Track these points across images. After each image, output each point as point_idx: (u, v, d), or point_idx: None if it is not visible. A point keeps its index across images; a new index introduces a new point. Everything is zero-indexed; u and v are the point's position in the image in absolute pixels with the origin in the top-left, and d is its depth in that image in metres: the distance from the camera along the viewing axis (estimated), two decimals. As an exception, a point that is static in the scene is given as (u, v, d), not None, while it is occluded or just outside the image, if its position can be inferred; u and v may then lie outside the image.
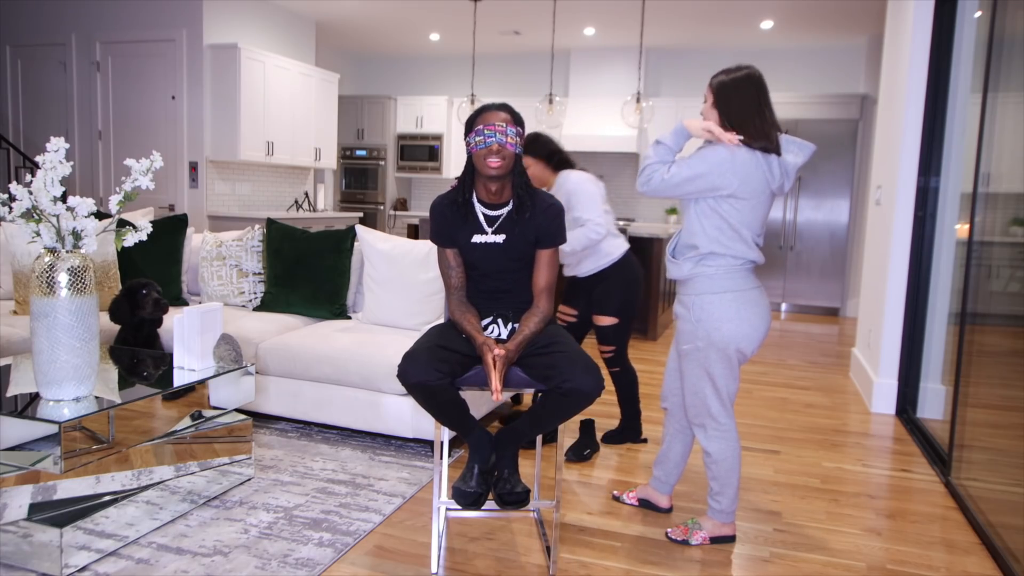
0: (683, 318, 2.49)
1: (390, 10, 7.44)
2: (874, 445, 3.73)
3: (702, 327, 2.42)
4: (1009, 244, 3.09)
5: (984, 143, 3.22)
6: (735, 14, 7.03)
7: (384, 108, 9.53)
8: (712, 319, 2.40)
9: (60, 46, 6.94)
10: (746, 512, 2.84)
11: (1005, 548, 2.49)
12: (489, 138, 2.23)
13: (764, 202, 2.41)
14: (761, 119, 2.39)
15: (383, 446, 3.38)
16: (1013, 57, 3.07)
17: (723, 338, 2.40)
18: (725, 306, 2.39)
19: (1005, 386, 2.90)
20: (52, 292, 2.17)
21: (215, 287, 4.02)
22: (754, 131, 2.38)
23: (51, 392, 2.22)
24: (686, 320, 2.47)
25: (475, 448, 2.33)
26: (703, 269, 2.41)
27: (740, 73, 2.44)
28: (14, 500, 2.27)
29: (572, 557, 2.44)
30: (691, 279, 2.45)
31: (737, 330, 2.39)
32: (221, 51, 6.54)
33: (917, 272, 4.16)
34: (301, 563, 2.31)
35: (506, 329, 2.42)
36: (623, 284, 3.33)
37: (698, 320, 2.43)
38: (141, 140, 6.77)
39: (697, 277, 2.43)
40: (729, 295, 2.40)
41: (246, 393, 2.82)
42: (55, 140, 2.19)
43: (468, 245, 2.38)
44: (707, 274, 2.41)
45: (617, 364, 3.43)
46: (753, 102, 2.40)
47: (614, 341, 3.38)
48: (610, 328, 3.35)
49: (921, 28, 4.05)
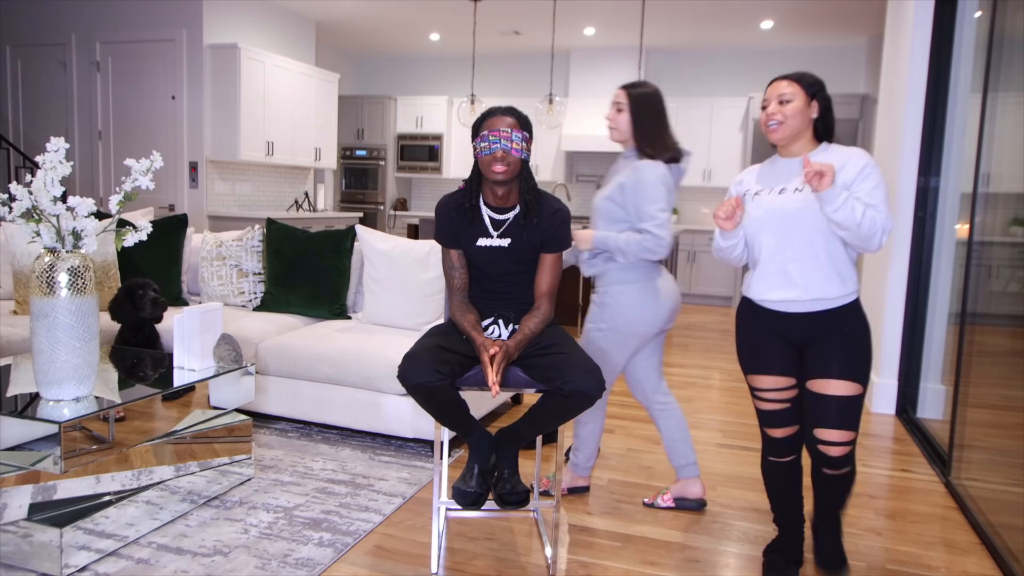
0: (595, 303, 2.76)
1: (390, 10, 7.44)
2: (874, 445, 3.73)
3: (607, 312, 2.69)
4: (1009, 244, 3.09)
5: (984, 143, 3.22)
6: (735, 14, 7.03)
7: (384, 108, 9.53)
8: (618, 306, 2.67)
9: (60, 46, 6.95)
10: (746, 512, 2.84)
11: (1005, 548, 2.49)
12: (494, 144, 2.23)
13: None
14: (668, 131, 2.69)
15: (383, 446, 3.38)
16: (1013, 57, 3.07)
17: (625, 323, 2.67)
18: (631, 295, 2.66)
19: (1005, 386, 2.90)
20: (52, 292, 2.17)
21: (215, 287, 4.02)
22: (666, 143, 2.66)
23: (51, 392, 2.22)
24: (596, 305, 2.75)
25: (475, 448, 2.33)
26: (612, 264, 2.68)
27: (651, 88, 2.71)
28: (14, 500, 2.27)
29: (572, 557, 2.44)
30: (603, 273, 2.72)
31: (638, 316, 2.67)
32: (221, 51, 6.54)
33: (917, 272, 4.16)
34: (301, 563, 2.31)
35: (507, 330, 2.42)
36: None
37: (604, 305, 2.70)
38: (141, 140, 6.78)
39: (609, 271, 2.69)
40: (636, 285, 2.66)
41: (246, 393, 2.82)
42: (55, 140, 2.19)
43: (473, 248, 2.38)
44: (616, 268, 2.67)
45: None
46: (664, 116, 2.69)
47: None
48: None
49: (921, 28, 4.05)
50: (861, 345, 2.12)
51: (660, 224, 2.54)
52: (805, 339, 2.15)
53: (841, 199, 1.98)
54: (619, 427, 3.82)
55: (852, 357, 2.11)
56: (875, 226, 2.00)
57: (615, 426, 3.83)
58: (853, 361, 2.11)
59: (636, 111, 2.65)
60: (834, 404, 2.11)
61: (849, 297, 2.13)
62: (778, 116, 2.11)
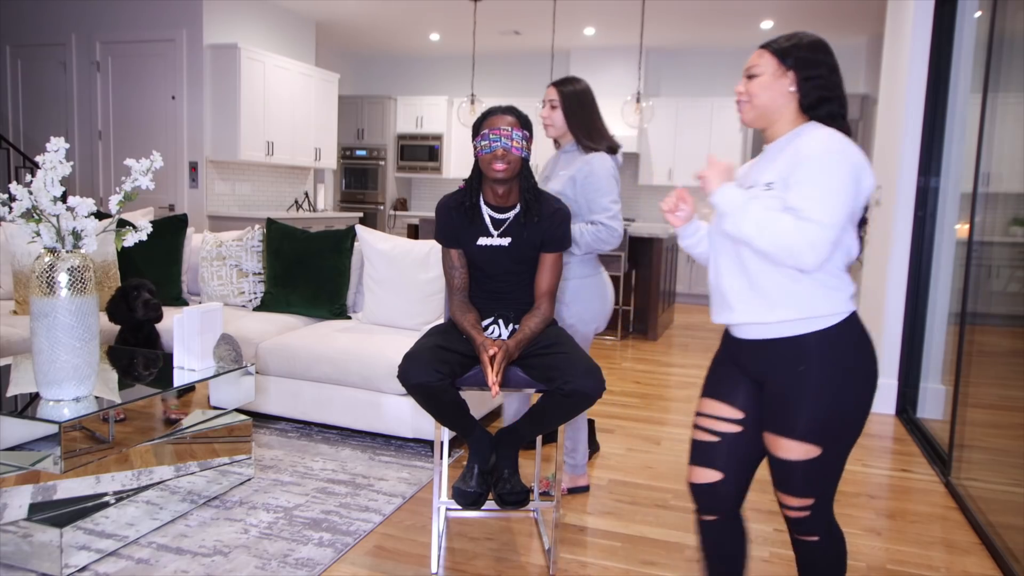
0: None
1: (390, 10, 7.44)
2: (874, 445, 3.73)
3: (575, 308, 2.74)
4: (1009, 244, 3.10)
5: (984, 143, 3.22)
6: (735, 14, 7.03)
7: (384, 108, 9.53)
8: (580, 301, 2.73)
9: (60, 46, 6.94)
10: (746, 512, 2.84)
11: (1005, 548, 2.49)
12: (495, 143, 2.23)
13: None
14: (602, 123, 2.78)
15: (383, 446, 3.38)
16: (1013, 57, 3.07)
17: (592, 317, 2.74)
18: (592, 288, 2.74)
19: (1005, 386, 2.90)
20: (52, 292, 2.17)
21: (215, 287, 4.02)
22: (602, 133, 2.75)
23: (51, 392, 2.22)
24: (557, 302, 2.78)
25: (475, 448, 2.33)
26: (572, 258, 2.73)
27: (582, 84, 2.78)
28: (14, 500, 2.27)
29: (572, 557, 2.44)
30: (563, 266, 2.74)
31: (601, 309, 2.75)
32: (221, 51, 6.54)
33: (917, 272, 4.16)
34: (301, 563, 2.31)
35: (507, 330, 2.42)
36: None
37: (564, 303, 2.75)
38: (141, 140, 6.77)
39: (569, 265, 2.74)
40: (592, 279, 2.75)
41: (246, 393, 2.82)
42: (55, 140, 2.18)
43: (473, 247, 2.38)
44: (576, 262, 2.73)
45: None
46: (596, 109, 2.78)
47: None
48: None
49: (921, 28, 4.04)
50: (822, 395, 1.61)
51: (613, 216, 2.67)
52: (756, 373, 1.72)
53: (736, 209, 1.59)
54: (619, 427, 3.82)
55: (805, 409, 1.62)
56: (782, 241, 1.52)
57: (615, 426, 3.83)
58: (805, 415, 1.62)
59: (568, 106, 2.74)
60: (780, 466, 1.68)
61: (800, 326, 1.62)
62: (743, 95, 1.72)
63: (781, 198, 1.58)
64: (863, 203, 1.64)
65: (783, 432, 1.65)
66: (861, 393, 1.65)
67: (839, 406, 1.62)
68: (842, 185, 1.55)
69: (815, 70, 1.65)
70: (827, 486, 1.70)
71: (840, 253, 1.63)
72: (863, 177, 1.60)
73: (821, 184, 1.54)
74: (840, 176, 1.55)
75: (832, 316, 1.62)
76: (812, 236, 1.51)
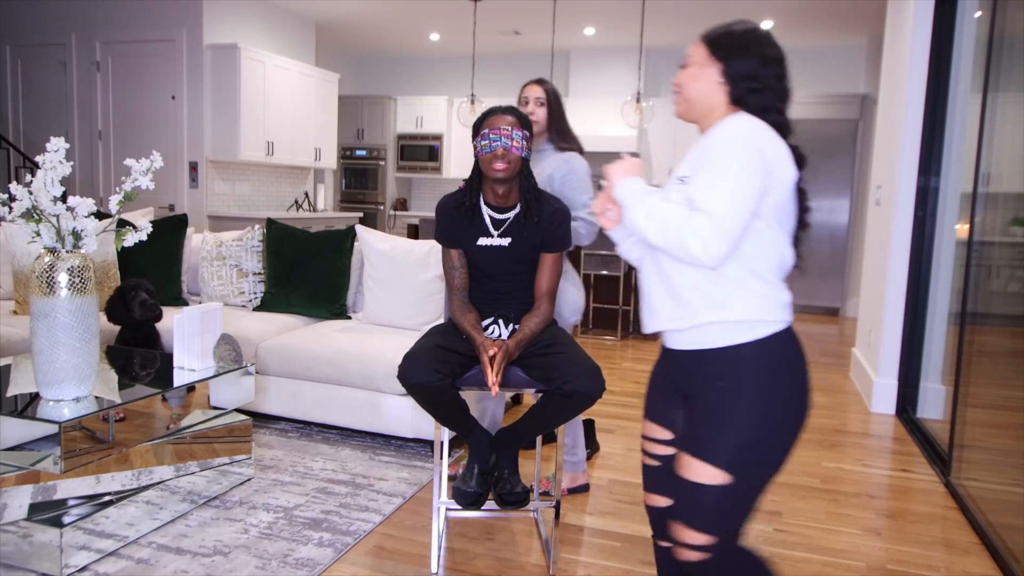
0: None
1: (390, 10, 7.44)
2: (874, 445, 3.73)
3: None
4: (1009, 244, 3.09)
5: (984, 143, 3.22)
6: (735, 14, 7.00)
7: (384, 108, 9.53)
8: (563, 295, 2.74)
9: (60, 46, 6.94)
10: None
11: (1005, 548, 2.49)
12: (495, 142, 2.23)
13: None
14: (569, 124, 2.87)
15: (383, 446, 3.38)
16: (1013, 57, 3.07)
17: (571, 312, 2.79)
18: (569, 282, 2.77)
19: (1005, 386, 2.90)
20: (52, 292, 2.17)
21: (215, 287, 4.02)
22: (572, 134, 2.84)
23: (51, 392, 2.22)
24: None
25: (475, 448, 2.33)
26: None
27: (553, 85, 2.87)
28: (14, 500, 2.27)
29: (572, 557, 2.44)
30: None
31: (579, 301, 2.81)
32: (221, 51, 6.54)
33: (917, 272, 4.16)
34: (301, 563, 2.31)
35: (507, 330, 2.42)
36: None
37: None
38: (141, 140, 6.77)
39: None
40: (570, 273, 2.78)
41: (246, 393, 2.81)
42: (55, 140, 2.18)
43: (473, 247, 2.38)
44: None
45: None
46: (563, 110, 2.86)
47: None
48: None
49: (921, 28, 4.04)
50: (743, 415, 1.43)
51: (591, 211, 2.74)
52: (684, 388, 1.58)
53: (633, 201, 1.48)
54: (619, 427, 3.82)
55: (722, 429, 1.44)
56: (671, 232, 1.40)
57: (615, 426, 3.83)
58: (722, 436, 1.44)
59: (553, 105, 2.81)
60: (685, 492, 1.49)
61: (723, 335, 1.46)
62: (676, 86, 1.61)
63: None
64: (782, 198, 1.47)
65: (695, 452, 1.48)
66: (789, 420, 1.47)
67: (761, 431, 1.44)
68: (742, 173, 1.40)
69: (743, 60, 1.53)
70: (733, 523, 1.49)
71: (767, 255, 1.47)
72: (777, 167, 1.44)
73: (717, 172, 1.41)
74: (740, 163, 1.40)
75: (758, 324, 1.46)
76: (702, 227, 1.38)
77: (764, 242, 1.46)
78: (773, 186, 1.44)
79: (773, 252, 1.48)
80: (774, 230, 1.47)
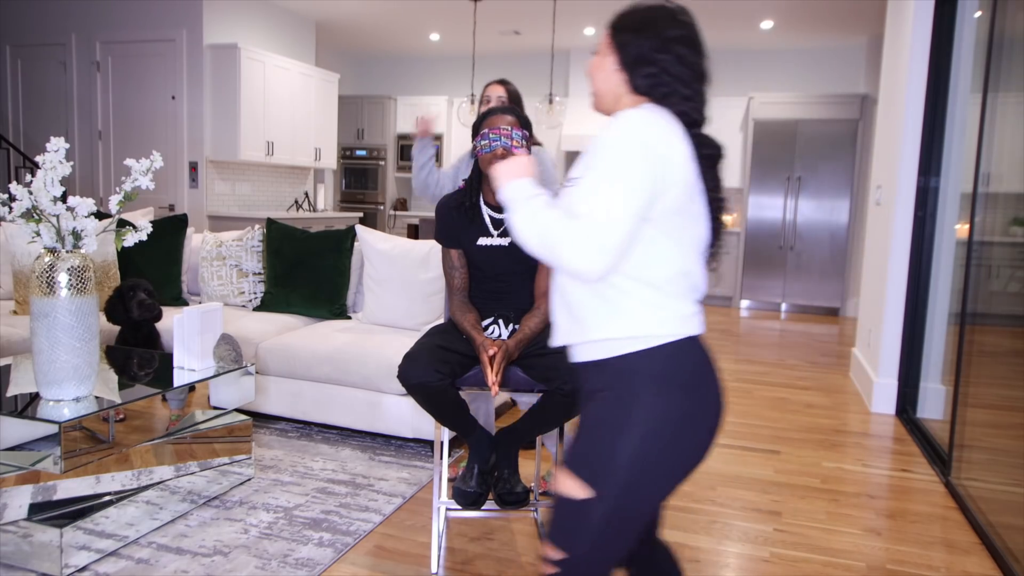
0: None
1: (390, 10, 7.44)
2: (874, 445, 3.73)
3: None
4: (1009, 244, 3.09)
5: (984, 143, 3.22)
6: (735, 14, 7.03)
7: (384, 108, 9.53)
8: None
9: (60, 46, 6.94)
10: (746, 512, 2.84)
11: (1005, 548, 2.49)
12: (494, 142, 2.24)
13: None
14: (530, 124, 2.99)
15: (383, 446, 3.38)
16: (1013, 57, 3.07)
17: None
18: None
19: (1005, 386, 2.90)
20: (52, 292, 2.17)
21: (215, 287, 4.02)
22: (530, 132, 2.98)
23: (51, 392, 2.22)
24: None
25: (475, 448, 2.33)
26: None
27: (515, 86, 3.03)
28: (14, 500, 2.27)
29: (572, 557, 2.44)
30: None
31: None
32: (221, 51, 6.54)
33: (917, 272, 4.16)
34: (301, 563, 2.31)
35: (507, 330, 2.42)
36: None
37: None
38: (141, 140, 6.77)
39: None
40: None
41: (246, 393, 2.82)
42: (55, 140, 2.18)
43: (473, 247, 2.38)
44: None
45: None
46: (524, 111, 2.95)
47: None
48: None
49: (921, 28, 4.05)
50: (609, 430, 1.31)
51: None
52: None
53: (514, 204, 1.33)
54: (619, 427, 3.82)
55: (588, 440, 1.34)
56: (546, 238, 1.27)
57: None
58: (587, 447, 1.33)
59: (518, 104, 2.96)
60: (555, 501, 1.37)
61: (615, 346, 1.33)
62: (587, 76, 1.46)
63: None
64: (679, 199, 1.29)
65: (565, 460, 1.37)
66: (677, 442, 1.31)
67: (636, 450, 1.29)
68: (624, 176, 1.24)
69: (637, 44, 1.35)
70: (588, 545, 1.32)
71: (663, 263, 1.31)
72: (669, 166, 1.27)
73: (599, 175, 1.26)
74: (622, 165, 1.25)
75: (650, 338, 1.31)
76: (578, 237, 1.23)
77: (658, 249, 1.30)
78: (666, 187, 1.27)
79: (670, 259, 1.32)
80: (670, 236, 1.31)
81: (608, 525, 1.31)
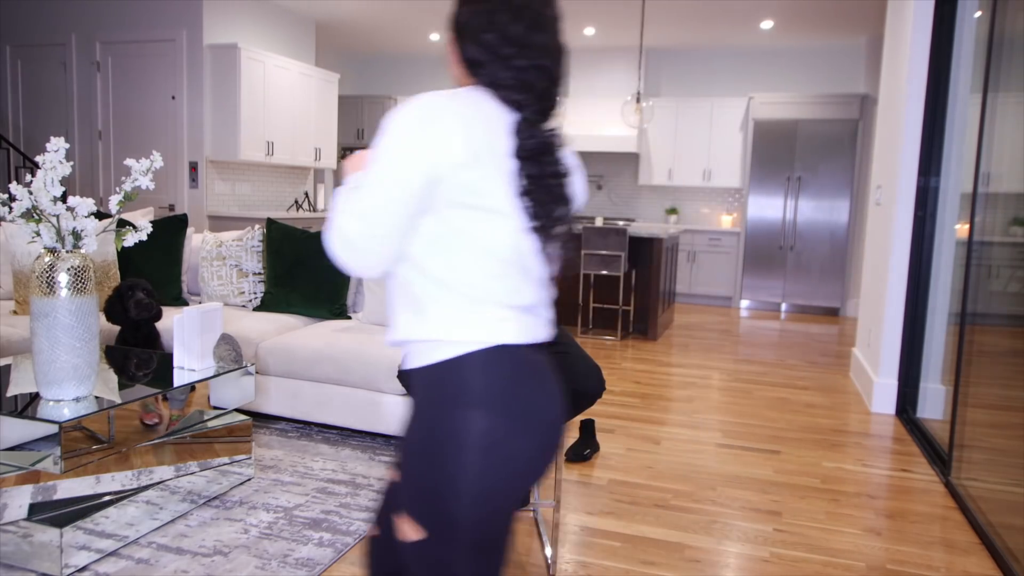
0: None
1: (390, 10, 7.44)
2: (874, 445, 3.73)
3: None
4: (1009, 244, 3.09)
5: (984, 143, 3.23)
6: (735, 14, 7.03)
7: (384, 108, 9.53)
8: None
9: (60, 46, 6.94)
10: (746, 512, 2.84)
11: (1005, 548, 2.49)
12: None
13: None
14: None
15: (383, 446, 3.38)
16: (1013, 57, 3.07)
17: None
18: None
19: (1005, 386, 2.90)
20: (52, 292, 2.17)
21: (215, 287, 4.02)
22: None
23: (51, 392, 2.22)
24: None
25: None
26: None
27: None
28: (14, 500, 2.27)
29: (572, 557, 2.44)
30: None
31: None
32: (221, 51, 6.54)
33: (917, 272, 4.16)
34: (301, 563, 2.31)
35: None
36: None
37: None
38: (141, 140, 6.77)
39: None
40: None
41: (246, 393, 2.82)
42: (55, 140, 2.18)
43: None
44: None
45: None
46: None
47: None
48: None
49: (921, 28, 4.05)
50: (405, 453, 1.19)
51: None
52: None
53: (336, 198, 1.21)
54: (619, 427, 3.82)
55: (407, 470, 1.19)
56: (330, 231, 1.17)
57: (615, 426, 3.83)
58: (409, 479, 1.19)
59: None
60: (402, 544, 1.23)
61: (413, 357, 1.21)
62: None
63: None
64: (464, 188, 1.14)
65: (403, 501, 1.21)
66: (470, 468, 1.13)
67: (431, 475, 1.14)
68: (385, 169, 1.12)
69: (466, 25, 1.21)
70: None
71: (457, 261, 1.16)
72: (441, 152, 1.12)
73: (370, 169, 1.15)
74: (385, 158, 1.13)
75: (444, 345, 1.16)
76: (344, 231, 1.14)
77: (446, 244, 1.16)
78: (441, 179, 1.13)
79: (465, 256, 1.16)
80: (464, 230, 1.15)
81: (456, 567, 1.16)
